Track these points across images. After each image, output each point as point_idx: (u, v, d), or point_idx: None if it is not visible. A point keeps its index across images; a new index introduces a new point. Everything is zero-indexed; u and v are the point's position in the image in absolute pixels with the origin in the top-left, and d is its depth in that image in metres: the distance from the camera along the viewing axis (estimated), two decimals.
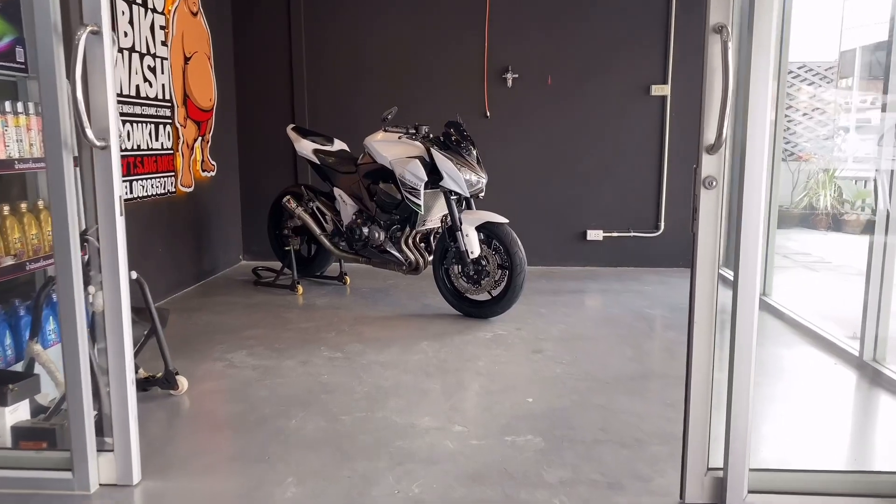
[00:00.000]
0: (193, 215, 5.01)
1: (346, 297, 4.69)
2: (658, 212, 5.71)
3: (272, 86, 5.77)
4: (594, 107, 5.62)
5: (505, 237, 3.98)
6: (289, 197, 4.80)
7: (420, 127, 4.19)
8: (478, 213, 4.08)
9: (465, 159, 4.04)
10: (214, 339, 3.74)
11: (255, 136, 5.84)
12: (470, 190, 4.05)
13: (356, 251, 4.56)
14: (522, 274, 3.97)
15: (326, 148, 4.75)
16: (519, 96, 5.64)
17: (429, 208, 4.25)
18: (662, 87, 5.54)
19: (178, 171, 4.73)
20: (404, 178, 4.12)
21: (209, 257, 5.28)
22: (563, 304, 4.51)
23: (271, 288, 4.92)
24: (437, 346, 3.61)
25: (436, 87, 5.67)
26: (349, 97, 5.73)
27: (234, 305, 4.46)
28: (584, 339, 3.73)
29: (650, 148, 5.65)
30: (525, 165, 5.72)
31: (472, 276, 4.09)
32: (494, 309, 4.08)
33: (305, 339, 3.71)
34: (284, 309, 4.37)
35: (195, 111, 4.97)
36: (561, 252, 5.80)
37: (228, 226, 5.68)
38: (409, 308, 4.40)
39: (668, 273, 5.55)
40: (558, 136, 5.68)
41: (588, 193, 5.73)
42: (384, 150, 4.25)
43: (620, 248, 5.77)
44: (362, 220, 4.48)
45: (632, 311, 4.37)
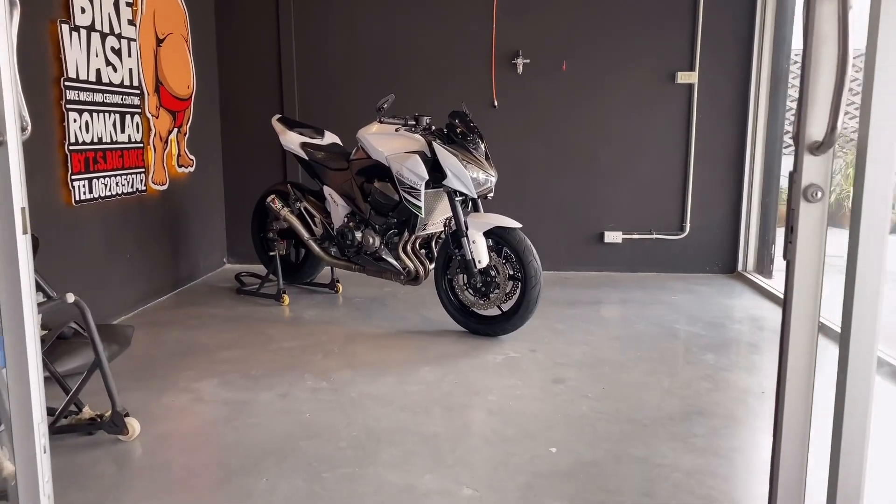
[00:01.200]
0: (168, 216, 4.50)
1: (337, 309, 4.18)
2: (683, 212, 5.19)
3: (259, 72, 5.25)
4: (613, 96, 5.10)
5: (517, 244, 3.47)
6: (273, 196, 4.28)
7: (420, 118, 3.66)
8: (486, 216, 3.56)
9: (471, 155, 3.53)
10: (183, 362, 3.24)
11: (241, 128, 5.32)
12: (477, 190, 3.54)
13: (348, 258, 4.05)
14: (537, 286, 3.46)
15: (315, 141, 4.24)
16: (530, 84, 5.11)
17: (430, 210, 3.74)
18: (689, 74, 5.01)
19: (150, 166, 4.21)
20: (402, 176, 3.61)
21: (187, 262, 4.77)
22: (581, 319, 4.00)
23: (255, 297, 4.41)
24: (440, 373, 3.10)
25: (438, 73, 5.14)
26: (343, 85, 5.20)
27: (211, 319, 3.95)
28: (611, 365, 3.22)
29: (675, 141, 5.13)
30: (536, 160, 5.20)
31: (479, 289, 3.58)
32: (505, 326, 3.57)
33: (288, 364, 3.21)
34: (267, 323, 3.86)
35: (169, 100, 4.45)
36: (575, 256, 5.29)
37: (210, 227, 5.17)
38: (408, 322, 3.89)
39: (695, 280, 5.04)
40: (573, 128, 5.15)
41: (606, 191, 5.21)
42: (379, 144, 3.73)
43: (641, 251, 5.25)
44: (355, 223, 3.96)
45: (661, 327, 3.86)
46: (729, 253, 5.22)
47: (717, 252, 5.22)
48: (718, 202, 5.16)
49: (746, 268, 5.17)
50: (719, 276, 5.16)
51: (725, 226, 5.19)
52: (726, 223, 5.19)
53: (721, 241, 5.21)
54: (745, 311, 4.23)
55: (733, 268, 5.21)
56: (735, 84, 5.01)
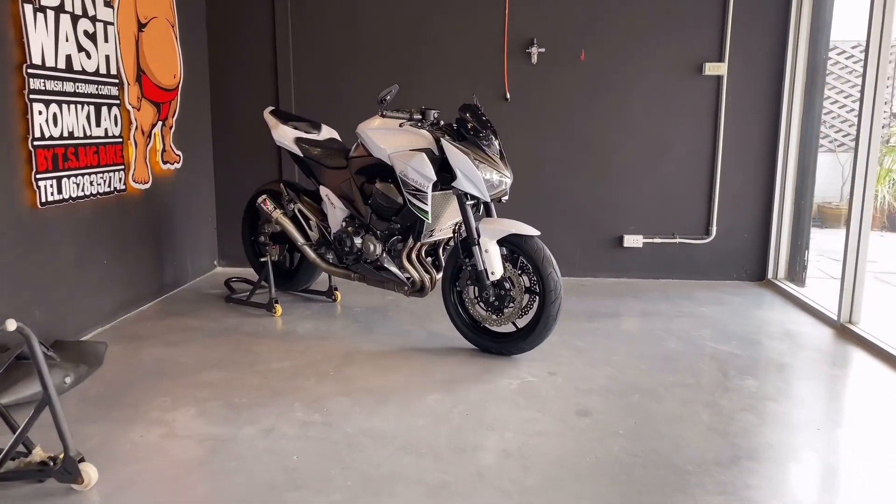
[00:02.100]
0: (152, 217, 4.13)
1: (334, 321, 3.81)
2: (709, 215, 4.81)
3: (253, 60, 4.87)
4: (635, 88, 4.71)
5: (535, 254, 3.10)
6: (265, 197, 3.91)
7: (427, 111, 3.28)
8: (500, 221, 3.19)
9: (484, 153, 3.15)
10: (159, 386, 2.88)
11: (233, 121, 4.95)
12: (490, 193, 3.16)
13: (346, 266, 3.68)
14: (557, 302, 3.09)
15: (311, 136, 3.86)
16: (545, 75, 4.73)
17: (438, 215, 3.36)
18: (718, 65, 4.61)
19: (130, 163, 3.84)
20: (406, 177, 3.23)
21: (173, 267, 4.40)
22: (603, 334, 3.63)
23: (245, 306, 4.05)
24: (449, 402, 2.74)
25: (446, 63, 4.76)
26: (343, 75, 4.82)
27: (194, 333, 3.59)
28: (640, 392, 2.85)
29: (701, 138, 4.74)
30: (551, 158, 4.82)
31: (491, 303, 3.21)
32: (520, 345, 3.20)
33: (276, 389, 2.84)
34: (256, 338, 3.50)
35: (153, 90, 4.07)
36: (593, 261, 4.91)
37: (199, 227, 4.81)
38: (412, 338, 3.52)
39: (722, 289, 4.66)
40: (591, 122, 4.77)
41: (626, 192, 4.83)
42: (381, 141, 3.35)
43: (663, 256, 4.87)
44: (354, 227, 3.58)
45: (692, 344, 3.48)
46: (758, 259, 4.84)
47: (745, 258, 4.84)
48: (747, 204, 4.78)
49: (777, 275, 4.79)
50: (747, 285, 4.78)
51: (754, 230, 4.80)
52: (756, 227, 4.80)
53: (750, 247, 4.83)
54: (781, 325, 3.86)
55: (762, 275, 4.83)
56: (768, 76, 4.62)
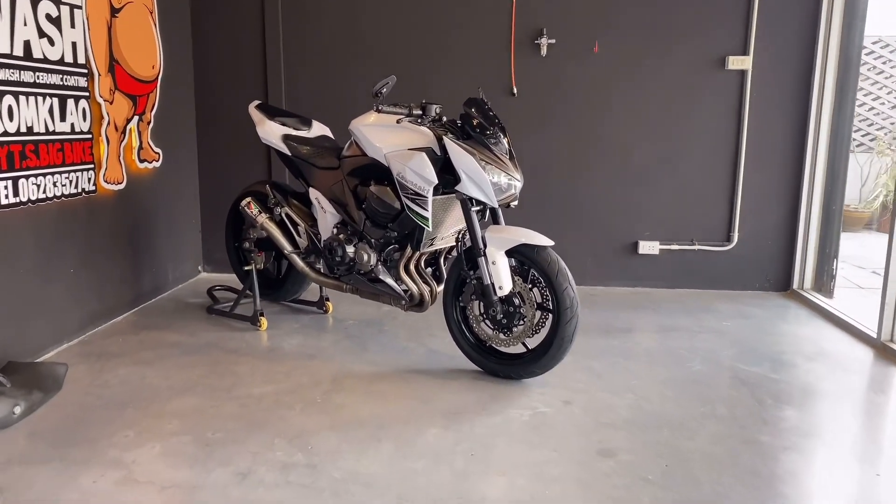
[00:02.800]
0: (127, 220, 3.78)
1: (325, 335, 3.47)
2: (731, 219, 4.47)
3: (241, 50, 4.52)
4: (652, 83, 4.36)
5: (548, 267, 2.76)
6: (249, 200, 3.56)
7: (429, 106, 2.93)
8: (509, 230, 2.85)
9: (491, 153, 2.81)
10: (123, 416, 2.54)
11: (219, 115, 4.60)
12: (498, 198, 2.82)
13: (338, 276, 3.34)
14: (574, 321, 2.75)
15: (301, 133, 3.51)
16: (556, 68, 4.38)
17: (439, 222, 3.02)
18: (742, 59, 4.27)
19: (101, 162, 3.50)
20: (405, 179, 2.89)
21: (152, 274, 4.06)
22: (621, 353, 3.29)
23: (228, 318, 3.71)
24: (451, 438, 2.40)
25: (448, 55, 4.41)
26: (338, 67, 4.48)
27: (170, 349, 3.25)
28: (669, 426, 2.51)
29: (723, 137, 4.40)
30: (561, 157, 4.48)
31: (499, 321, 2.88)
32: (531, 368, 2.86)
33: (255, 421, 2.50)
34: (238, 356, 3.16)
35: (128, 82, 3.72)
36: (605, 268, 4.57)
37: (181, 231, 4.46)
38: (410, 357, 3.19)
39: (744, 300, 4.32)
40: (605, 120, 4.42)
41: (641, 194, 4.48)
42: (377, 139, 3.01)
43: (681, 264, 4.53)
44: (346, 235, 3.24)
45: (720, 366, 3.14)
46: (782, 267, 4.50)
47: (768, 266, 4.50)
48: (772, 208, 4.44)
49: (803, 285, 4.45)
50: (771, 295, 4.44)
51: (779, 236, 4.46)
52: (780, 233, 4.46)
53: (773, 254, 4.49)
54: (814, 343, 3.52)
55: (787, 285, 4.50)
56: (796, 70, 4.28)
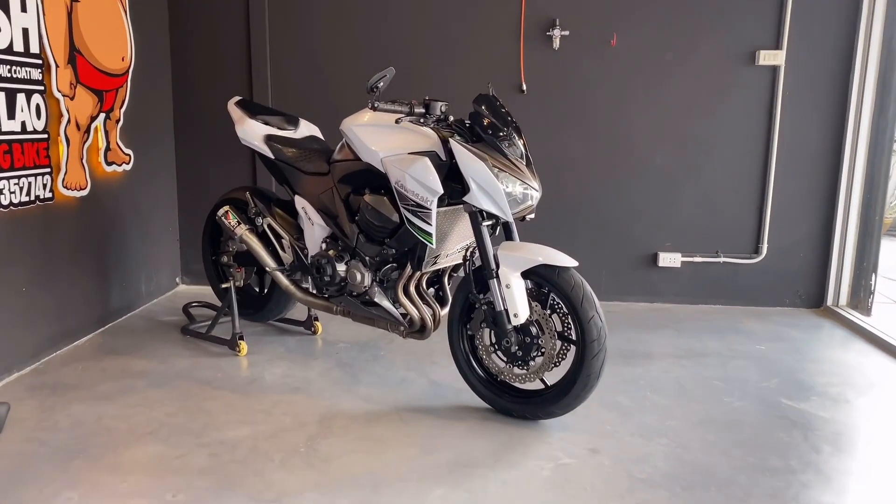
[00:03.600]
0: (91, 229, 3.38)
1: (312, 362, 3.07)
2: (759, 229, 4.08)
3: (223, 41, 4.12)
4: (676, 79, 3.97)
5: (572, 292, 2.36)
6: (227, 209, 3.15)
7: (433, 103, 2.50)
8: (524, 247, 2.45)
9: (506, 158, 2.41)
10: (68, 471, 2.13)
11: (200, 112, 4.19)
12: (513, 210, 2.42)
13: (328, 297, 2.94)
14: (601, 354, 2.36)
15: (286, 134, 3.11)
16: (569, 63, 3.99)
17: (444, 236, 2.62)
18: (774, 53, 3.88)
19: (60, 165, 3.09)
20: (404, 188, 2.49)
21: (122, 289, 3.65)
22: (649, 385, 2.90)
23: (204, 341, 3.31)
24: (460, 501, 2.00)
25: (451, 49, 4.01)
26: (330, 60, 4.08)
27: (135, 380, 2.84)
28: (717, 484, 2.12)
29: (752, 139, 4.01)
30: (574, 160, 4.08)
31: (513, 353, 2.48)
32: (550, 408, 2.47)
33: (225, 478, 2.10)
34: (212, 390, 2.76)
35: (92, 75, 3.32)
36: (622, 282, 4.18)
37: (157, 239, 4.05)
38: (410, 390, 2.79)
39: (774, 317, 3.93)
40: (623, 120, 4.03)
41: (662, 202, 4.10)
42: (372, 141, 2.61)
43: (704, 278, 4.14)
44: (336, 251, 2.83)
45: (762, 401, 2.75)
46: (815, 282, 4.11)
47: (800, 281, 4.12)
48: (805, 217, 4.05)
49: (838, 301, 4.07)
50: (802, 313, 4.05)
51: (812, 248, 4.08)
52: (814, 244, 4.08)
53: (806, 267, 4.10)
54: (861, 371, 3.13)
55: (820, 301, 4.11)
56: (833, 66, 3.89)
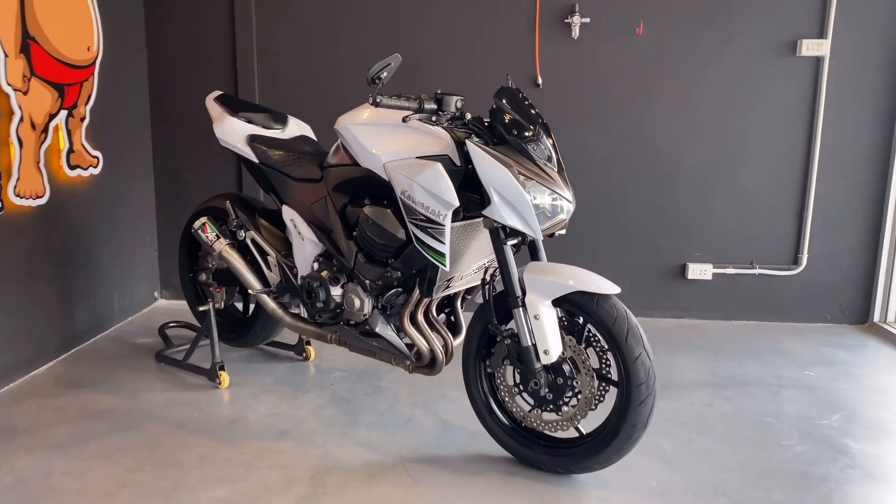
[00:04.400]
0: (52, 241, 2.96)
1: (303, 398, 2.67)
2: (799, 238, 3.69)
3: (206, 28, 3.71)
4: (707, 72, 3.57)
5: (614, 325, 1.97)
6: (205, 220, 2.73)
7: (447, 98, 2.06)
8: (555, 270, 2.05)
9: (533, 164, 2.01)
10: None
11: (180, 109, 3.78)
12: (543, 225, 2.02)
13: (320, 324, 2.53)
14: (650, 400, 1.96)
15: (272, 134, 2.69)
16: (589, 54, 3.59)
17: (458, 255, 2.21)
18: (818, 42, 3.49)
19: (10, 170, 2.67)
20: (412, 200, 2.08)
21: (90, 307, 3.24)
22: (693, 423, 2.50)
23: (181, 370, 2.90)
24: None
25: (459, 39, 3.61)
26: (324, 51, 3.67)
27: (97, 421, 2.43)
28: None
29: (792, 138, 3.62)
30: (595, 161, 3.68)
31: (543, 396, 2.08)
32: (585, 462, 2.06)
33: None
34: (185, 434, 2.35)
35: (51, 66, 2.90)
36: (647, 296, 3.78)
37: (131, 250, 3.64)
38: (417, 434, 2.39)
39: (817, 335, 3.54)
40: (649, 116, 3.63)
41: (692, 207, 3.70)
42: (373, 143, 2.20)
43: (738, 291, 3.75)
44: (330, 272, 2.42)
45: (827, 444, 2.36)
46: (860, 295, 3.72)
47: (843, 294, 3.73)
48: (849, 224, 3.66)
49: (885, 317, 3.69)
50: (846, 330, 3.67)
51: (858, 258, 3.68)
52: (859, 254, 3.68)
53: (850, 279, 3.71)
54: None
55: (865, 316, 3.72)
56: (883, 58, 3.50)
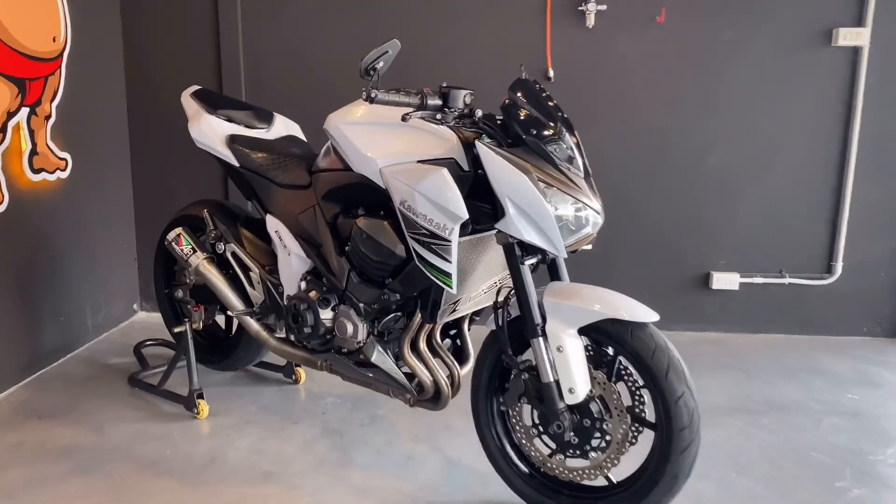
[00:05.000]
0: (12, 253, 2.67)
1: (291, 431, 2.37)
2: (833, 245, 3.39)
3: (189, 19, 3.41)
4: (734, 64, 3.28)
5: (652, 358, 1.68)
6: (179, 231, 2.43)
7: (454, 92, 1.75)
8: (580, 292, 1.76)
9: (555, 168, 1.71)
10: None
11: (161, 106, 3.48)
12: (568, 241, 1.72)
13: (310, 350, 2.23)
14: (694, 446, 1.67)
15: (255, 134, 2.39)
16: (606, 43, 3.29)
17: (466, 273, 1.91)
18: (857, 31, 3.19)
19: None
20: (413, 211, 1.78)
21: (58, 324, 2.94)
22: (732, 459, 2.21)
23: (156, 397, 2.60)
24: None
25: (462, 28, 3.31)
26: (316, 42, 3.37)
27: (55, 463, 2.14)
28: None
29: (826, 136, 3.32)
30: (611, 161, 3.38)
31: (567, 441, 1.78)
32: None
33: None
34: (155, 477, 2.05)
35: (10, 59, 2.59)
36: (668, 307, 3.40)
37: (107, 260, 3.34)
38: (419, 475, 2.09)
39: (853, 350, 3.25)
40: (670, 113, 3.34)
41: (716, 211, 3.41)
42: (368, 144, 1.89)
43: (766, 302, 3.46)
44: (319, 292, 2.11)
45: (885, 484, 2.07)
46: None
47: (880, 305, 3.43)
48: (888, 230, 3.36)
49: None
50: (883, 343, 3.38)
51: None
52: None
53: (887, 289, 3.41)
54: None
55: None
56: None
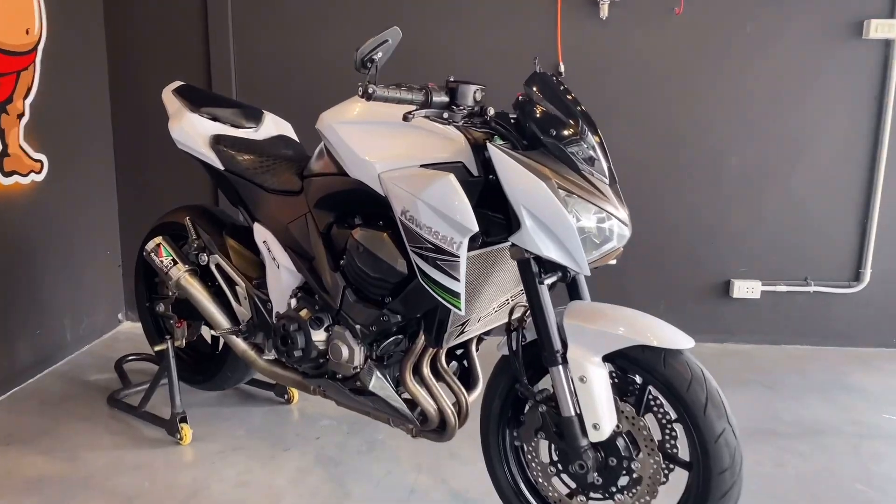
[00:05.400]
0: None
1: (282, 459, 2.17)
2: (862, 251, 3.20)
3: (176, 11, 3.21)
4: (757, 59, 3.08)
5: (688, 390, 1.47)
6: (159, 241, 2.23)
7: (462, 88, 1.52)
8: (604, 313, 1.55)
9: (576, 174, 1.51)
10: None
11: (148, 103, 3.28)
12: (592, 256, 1.51)
13: (303, 373, 2.02)
14: (735, 490, 1.47)
15: (242, 134, 2.18)
16: (621, 37, 3.10)
17: (476, 291, 1.70)
18: (890, 23, 2.99)
19: None
20: (416, 222, 1.57)
21: (34, 339, 2.74)
22: (767, 491, 2.01)
23: (137, 419, 2.40)
24: None
25: (467, 20, 3.12)
26: (311, 35, 3.18)
27: (24, 496, 1.94)
28: None
29: (856, 135, 3.13)
30: (626, 162, 3.15)
31: (591, 482, 1.58)
32: None
33: None
34: None
35: None
36: (685, 316, 3.25)
37: (89, 268, 3.14)
38: None
39: (884, 364, 3.06)
40: (690, 110, 3.15)
41: (738, 214, 3.21)
42: (365, 146, 1.68)
43: (789, 312, 3.26)
44: (312, 310, 1.90)
45: None
46: None
47: None
48: None
49: None
50: None
51: None
52: None
53: None
54: None
55: None
56: None
